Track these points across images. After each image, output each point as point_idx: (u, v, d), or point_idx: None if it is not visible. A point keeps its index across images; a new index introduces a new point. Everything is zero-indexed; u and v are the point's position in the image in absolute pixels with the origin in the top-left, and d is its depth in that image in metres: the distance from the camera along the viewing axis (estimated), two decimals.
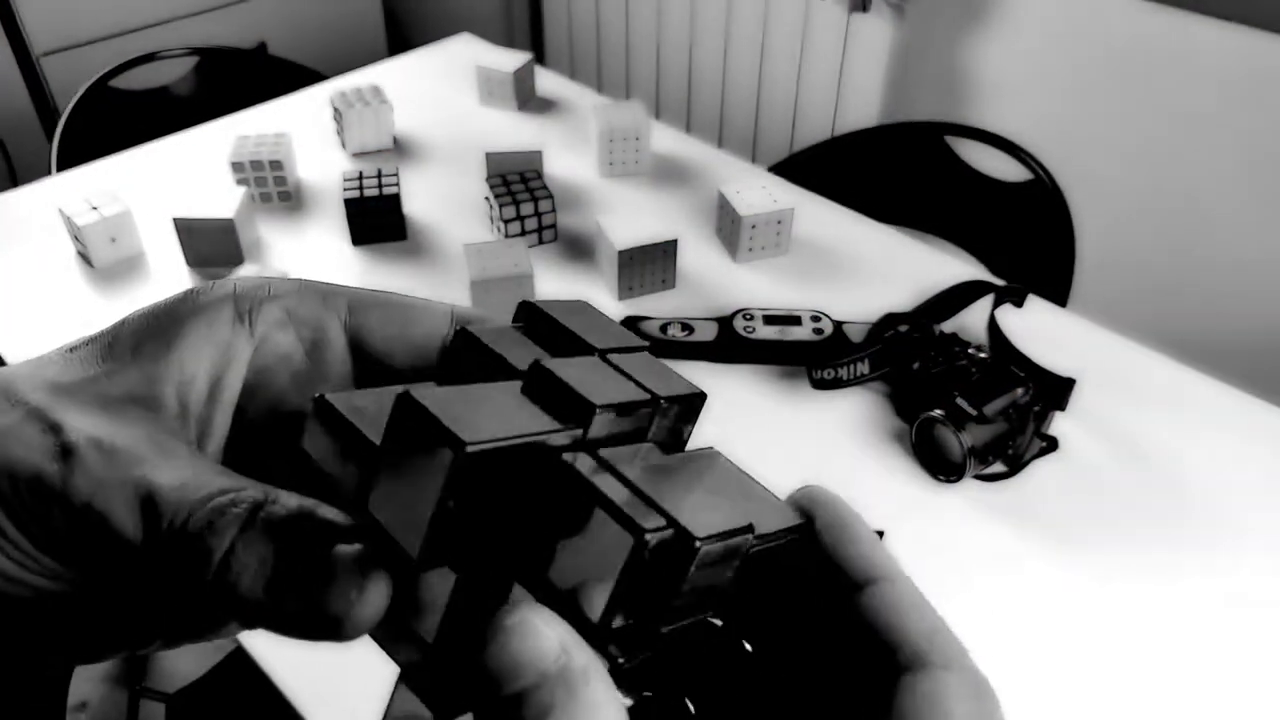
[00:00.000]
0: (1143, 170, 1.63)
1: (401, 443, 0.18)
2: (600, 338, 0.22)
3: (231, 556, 0.19)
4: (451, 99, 1.42)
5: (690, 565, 0.17)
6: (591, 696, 0.16)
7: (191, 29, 2.12)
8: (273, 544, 0.19)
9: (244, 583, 0.19)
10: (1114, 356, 0.99)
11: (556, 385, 0.19)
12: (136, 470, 0.20)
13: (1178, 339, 1.19)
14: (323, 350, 0.24)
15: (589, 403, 0.19)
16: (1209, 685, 0.70)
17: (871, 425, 0.91)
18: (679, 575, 0.17)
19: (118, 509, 0.19)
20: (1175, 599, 0.76)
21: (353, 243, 1.13)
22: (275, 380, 0.24)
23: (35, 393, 0.21)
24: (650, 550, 0.17)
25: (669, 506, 0.17)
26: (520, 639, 0.16)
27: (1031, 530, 0.81)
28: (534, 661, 0.16)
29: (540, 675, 0.16)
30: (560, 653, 0.16)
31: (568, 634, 0.17)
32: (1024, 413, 0.84)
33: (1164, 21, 1.50)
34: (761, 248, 1.11)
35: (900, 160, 1.43)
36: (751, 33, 1.97)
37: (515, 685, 0.16)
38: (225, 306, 0.23)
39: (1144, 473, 0.87)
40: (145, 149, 1.31)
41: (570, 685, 0.16)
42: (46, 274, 1.08)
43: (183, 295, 0.23)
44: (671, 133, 1.36)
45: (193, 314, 0.23)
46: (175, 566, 0.19)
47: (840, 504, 0.21)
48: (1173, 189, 1.61)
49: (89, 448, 0.20)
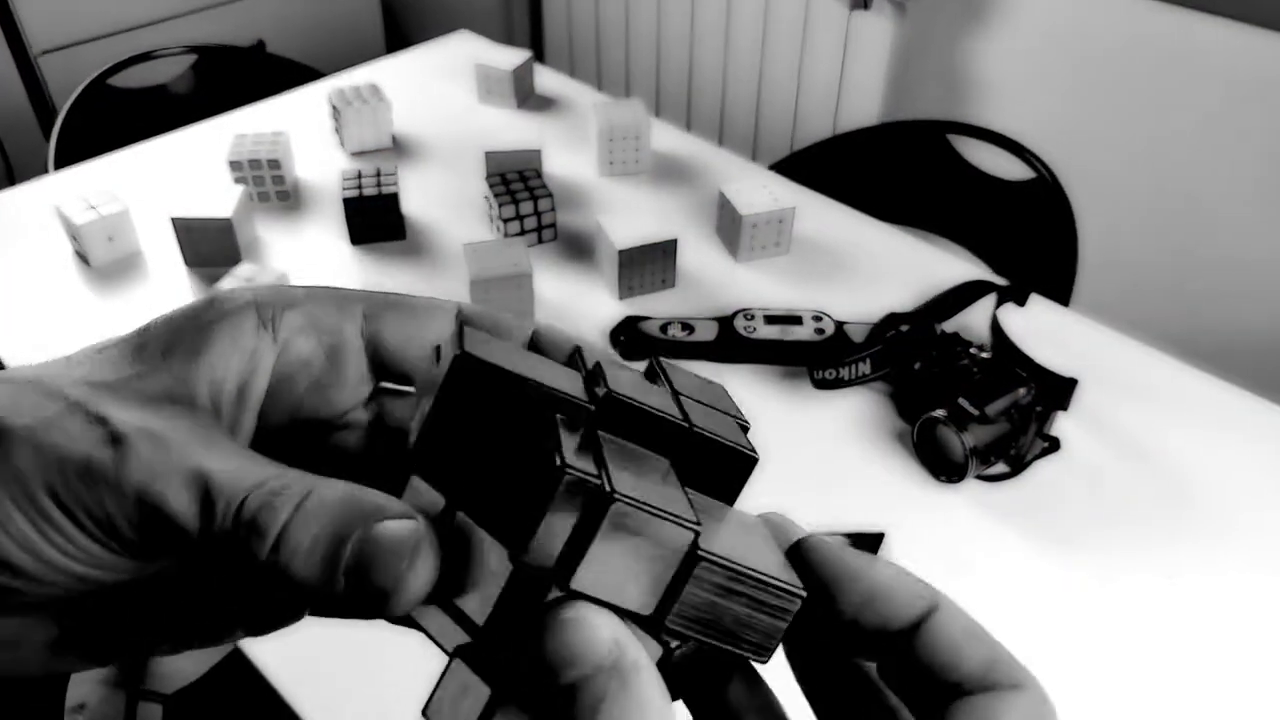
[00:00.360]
0: (1145, 169, 1.62)
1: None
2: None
3: (285, 535, 0.20)
4: (450, 97, 1.42)
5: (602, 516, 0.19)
6: (642, 689, 0.17)
7: (189, 27, 2.11)
8: (324, 523, 0.20)
9: (297, 561, 0.20)
10: (1116, 356, 0.99)
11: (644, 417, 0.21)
12: (189, 458, 0.20)
13: (1180, 338, 1.19)
14: (340, 355, 0.25)
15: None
16: (1211, 684, 0.70)
17: (873, 425, 0.90)
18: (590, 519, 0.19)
19: (173, 494, 0.20)
20: (1177, 598, 0.76)
21: (351, 242, 1.13)
22: (295, 386, 0.25)
23: (73, 388, 0.21)
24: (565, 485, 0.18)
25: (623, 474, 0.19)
26: (578, 630, 0.17)
27: (1034, 531, 0.81)
28: (590, 653, 0.17)
29: (595, 666, 0.17)
30: (614, 645, 0.17)
31: (621, 628, 0.18)
32: (1026, 413, 0.83)
33: (1167, 20, 1.49)
34: (762, 247, 1.10)
35: (902, 159, 1.42)
36: (752, 30, 1.97)
37: (571, 675, 0.17)
38: (249, 314, 0.24)
39: (1146, 473, 0.86)
40: (143, 148, 1.30)
41: (623, 676, 0.17)
42: (44, 273, 1.07)
43: (206, 302, 0.24)
44: (672, 131, 1.35)
45: (218, 320, 0.23)
46: (231, 550, 0.20)
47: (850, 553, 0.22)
48: (1175, 188, 1.60)
49: (139, 436, 0.20)
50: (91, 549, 0.20)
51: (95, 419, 0.20)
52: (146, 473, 0.20)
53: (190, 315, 0.24)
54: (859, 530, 0.79)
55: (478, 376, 0.20)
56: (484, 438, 0.20)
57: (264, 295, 0.24)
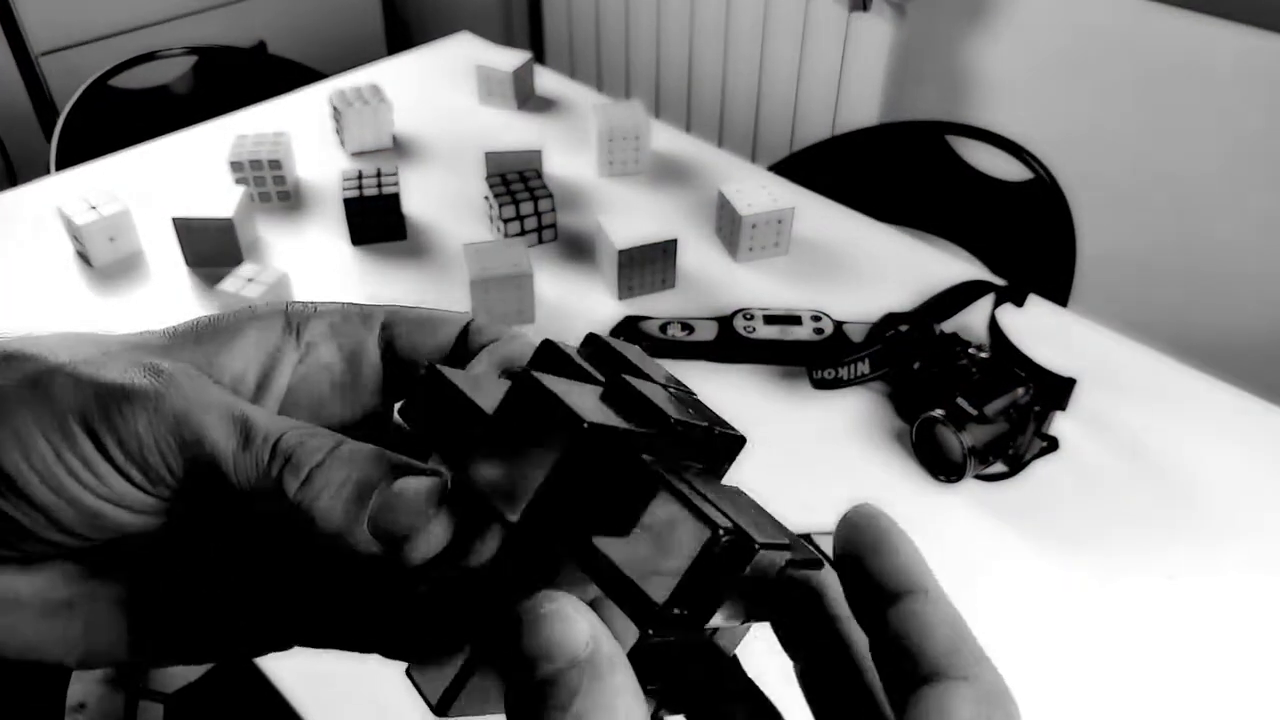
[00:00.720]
0: (1144, 169, 1.62)
1: (514, 416, 0.20)
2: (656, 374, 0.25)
3: (316, 472, 0.21)
4: (451, 98, 1.42)
5: (747, 565, 0.19)
6: (615, 683, 0.17)
7: (190, 28, 2.12)
8: (355, 468, 0.21)
9: (323, 501, 0.21)
10: (1115, 356, 0.99)
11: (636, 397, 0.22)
12: (228, 396, 0.22)
13: (1179, 338, 1.19)
14: (359, 362, 0.26)
15: (665, 414, 0.21)
16: (1210, 684, 0.70)
17: (872, 425, 0.90)
18: (737, 573, 0.19)
19: (213, 423, 0.21)
20: (1175, 598, 0.76)
21: (352, 242, 1.13)
22: (316, 388, 0.26)
23: (115, 343, 0.23)
24: (720, 546, 0.19)
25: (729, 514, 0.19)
26: (555, 625, 0.18)
27: (1032, 530, 0.81)
28: (566, 647, 0.17)
29: (570, 660, 0.17)
30: (590, 640, 0.18)
31: (596, 623, 0.18)
32: (1024, 412, 0.84)
33: (1166, 21, 1.50)
34: (761, 247, 1.11)
35: (901, 159, 1.42)
36: (751, 31, 1.97)
37: (547, 669, 0.17)
38: (278, 317, 0.26)
39: (1144, 472, 0.86)
40: (144, 148, 1.30)
41: (597, 671, 0.17)
42: (45, 273, 1.08)
43: (247, 309, 0.26)
44: (671, 132, 1.36)
45: (249, 320, 0.25)
46: (260, 487, 0.21)
47: (883, 518, 0.23)
48: (1174, 188, 1.61)
49: (181, 372, 0.22)
50: (115, 483, 0.21)
51: (137, 359, 0.22)
52: (188, 401, 0.21)
53: (224, 315, 0.25)
54: None
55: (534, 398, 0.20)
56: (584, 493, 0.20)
57: (295, 306, 0.26)
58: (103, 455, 0.21)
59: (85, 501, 0.21)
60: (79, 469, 0.20)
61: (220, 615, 0.24)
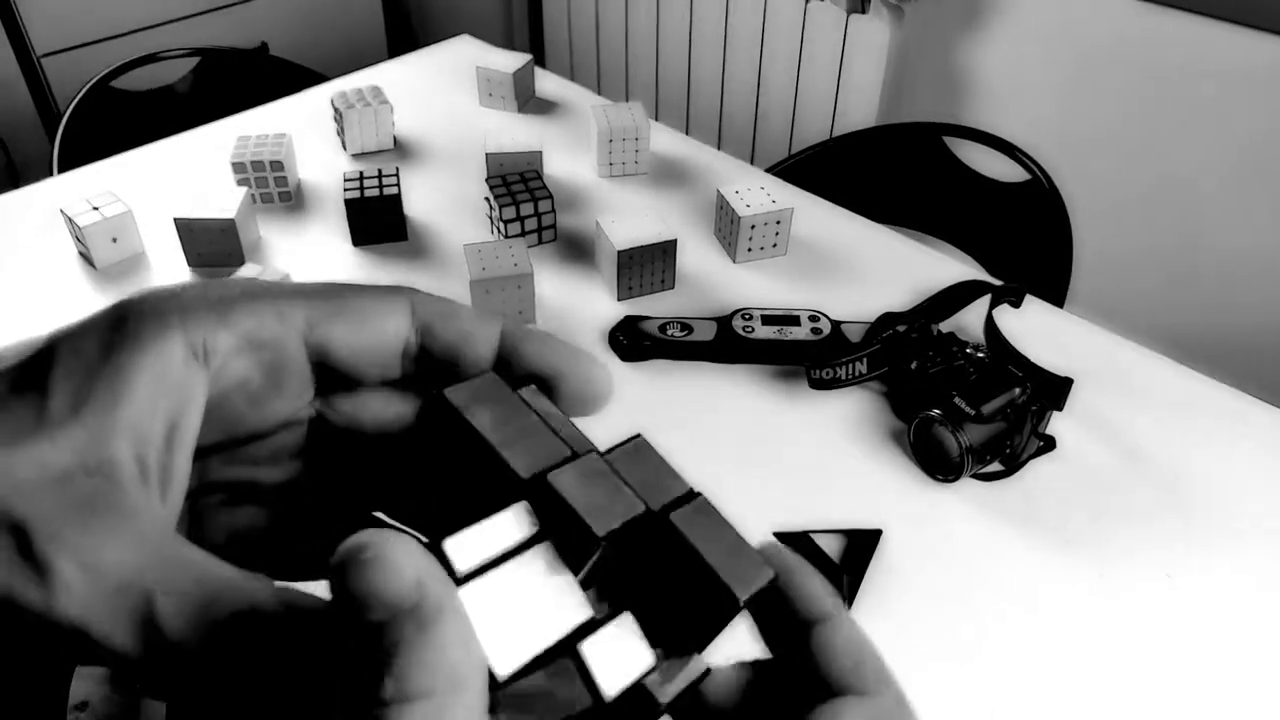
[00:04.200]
0: (1140, 171, 1.63)
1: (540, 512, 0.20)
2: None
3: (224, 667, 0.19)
4: (451, 100, 1.43)
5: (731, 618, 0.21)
6: (442, 636, 0.16)
7: (192, 30, 2.12)
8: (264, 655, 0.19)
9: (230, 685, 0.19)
10: (1111, 356, 0.99)
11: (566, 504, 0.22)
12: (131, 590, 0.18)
13: (1175, 339, 1.20)
14: (281, 370, 0.23)
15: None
16: (1208, 684, 0.71)
17: (869, 425, 0.91)
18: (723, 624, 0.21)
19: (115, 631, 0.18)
20: (1173, 598, 0.76)
21: (353, 243, 1.13)
22: (231, 406, 0.23)
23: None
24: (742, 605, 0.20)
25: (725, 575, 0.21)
26: (375, 570, 0.17)
27: (1029, 530, 0.82)
28: (387, 595, 0.16)
29: (392, 610, 0.16)
30: (414, 588, 0.17)
31: (427, 569, 0.17)
32: (1021, 412, 0.84)
33: (1162, 22, 1.50)
34: (760, 248, 1.11)
35: (898, 161, 1.43)
36: (750, 34, 1.98)
37: (369, 616, 0.16)
38: (175, 342, 0.21)
39: (1141, 472, 0.87)
40: (146, 149, 1.31)
41: (421, 623, 0.16)
42: (48, 274, 1.08)
43: (116, 319, 0.21)
44: (671, 133, 1.36)
45: (138, 354, 0.20)
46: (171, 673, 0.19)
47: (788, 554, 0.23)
48: (1170, 189, 1.61)
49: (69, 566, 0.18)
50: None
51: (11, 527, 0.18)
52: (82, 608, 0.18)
53: (102, 343, 0.20)
54: (855, 528, 0.80)
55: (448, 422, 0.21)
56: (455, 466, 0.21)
57: (191, 309, 0.21)
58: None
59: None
60: None
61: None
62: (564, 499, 0.20)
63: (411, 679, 0.16)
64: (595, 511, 0.20)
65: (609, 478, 0.21)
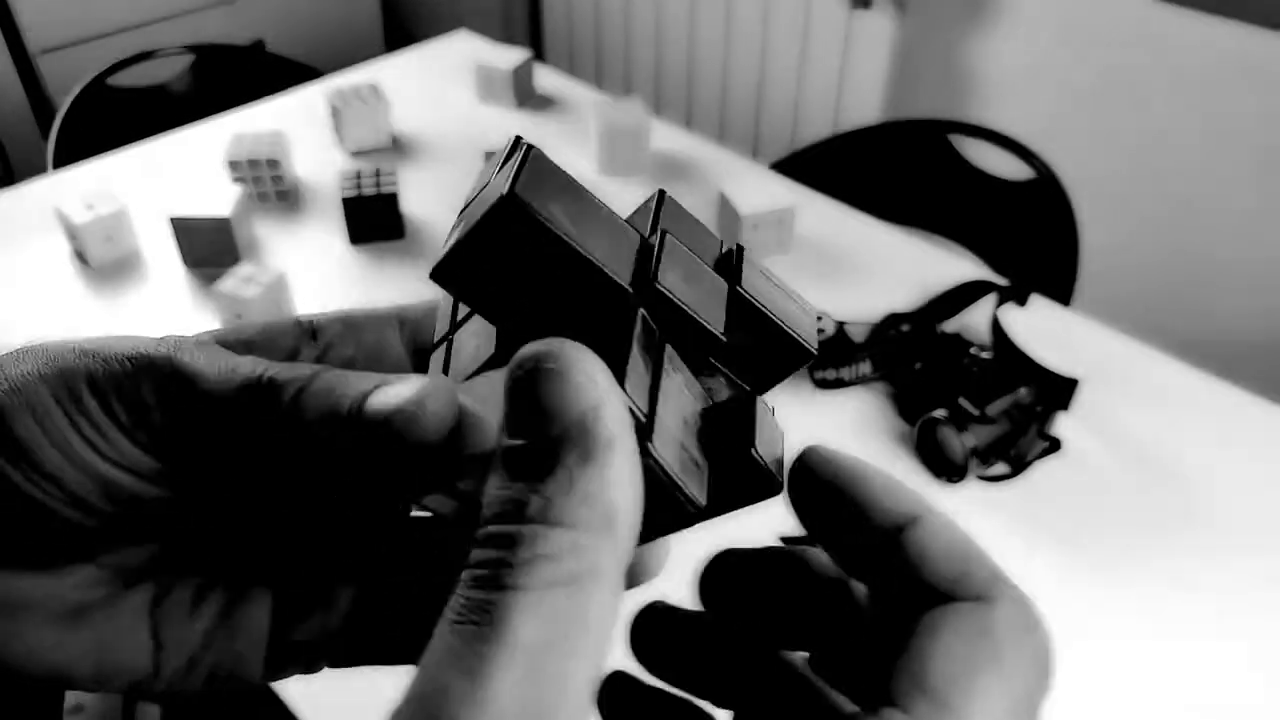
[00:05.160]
0: (1147, 169, 1.62)
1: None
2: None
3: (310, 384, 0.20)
4: (450, 97, 1.42)
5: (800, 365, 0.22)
6: (608, 471, 0.15)
7: (188, 26, 2.11)
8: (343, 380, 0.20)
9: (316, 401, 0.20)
10: (1117, 356, 0.98)
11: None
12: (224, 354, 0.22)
13: (1181, 339, 1.19)
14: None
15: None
16: (1211, 684, 0.70)
17: (874, 426, 0.90)
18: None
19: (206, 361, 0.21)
20: (1178, 598, 0.75)
21: (350, 241, 1.12)
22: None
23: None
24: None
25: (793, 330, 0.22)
26: (555, 382, 0.16)
27: (1034, 531, 0.81)
28: (561, 410, 0.15)
29: (563, 430, 0.15)
30: (588, 412, 0.16)
31: (610, 394, 0.16)
32: (1027, 413, 0.83)
33: (1169, 19, 1.49)
34: (763, 246, 1.10)
35: (903, 158, 1.42)
36: (752, 29, 1.97)
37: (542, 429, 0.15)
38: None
39: (1147, 473, 0.86)
40: (142, 147, 1.30)
41: (587, 452, 0.15)
42: (42, 272, 1.07)
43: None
44: (672, 130, 1.35)
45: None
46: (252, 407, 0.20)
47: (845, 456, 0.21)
48: (1177, 188, 1.60)
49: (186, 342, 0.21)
50: (124, 447, 0.20)
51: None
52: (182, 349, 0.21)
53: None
54: None
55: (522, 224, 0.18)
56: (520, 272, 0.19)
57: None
58: (111, 419, 0.20)
59: (96, 467, 0.20)
60: (89, 431, 0.20)
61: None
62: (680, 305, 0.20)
63: (556, 507, 0.15)
64: (704, 307, 0.20)
65: (692, 262, 0.21)
